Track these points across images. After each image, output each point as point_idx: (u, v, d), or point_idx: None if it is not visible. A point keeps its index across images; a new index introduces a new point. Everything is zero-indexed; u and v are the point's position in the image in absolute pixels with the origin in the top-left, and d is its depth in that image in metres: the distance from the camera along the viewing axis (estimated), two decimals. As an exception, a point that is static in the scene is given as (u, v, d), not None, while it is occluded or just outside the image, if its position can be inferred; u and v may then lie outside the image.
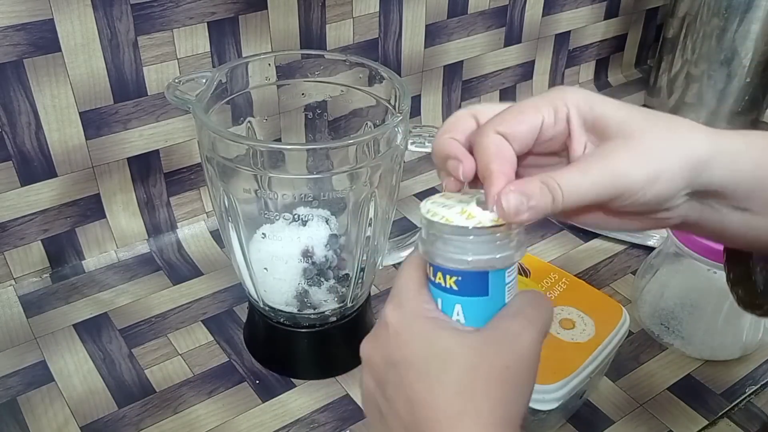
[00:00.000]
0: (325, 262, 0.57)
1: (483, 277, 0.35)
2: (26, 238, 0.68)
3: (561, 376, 0.51)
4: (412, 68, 0.87)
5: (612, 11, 1.03)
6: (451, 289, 0.36)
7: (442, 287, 0.36)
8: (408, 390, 0.34)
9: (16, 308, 0.67)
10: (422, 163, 0.89)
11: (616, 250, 0.77)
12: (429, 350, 0.35)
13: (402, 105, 0.54)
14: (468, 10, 0.88)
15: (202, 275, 0.72)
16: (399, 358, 0.35)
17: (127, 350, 0.64)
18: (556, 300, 0.57)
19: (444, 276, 0.36)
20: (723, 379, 0.62)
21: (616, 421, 0.59)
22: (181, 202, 0.76)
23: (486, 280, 0.35)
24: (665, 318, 0.65)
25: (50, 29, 0.62)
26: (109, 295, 0.69)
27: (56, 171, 0.67)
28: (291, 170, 0.51)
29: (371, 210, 0.55)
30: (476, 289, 0.35)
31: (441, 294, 0.36)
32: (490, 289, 0.36)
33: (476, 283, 0.35)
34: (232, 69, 0.57)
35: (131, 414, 0.58)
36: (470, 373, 0.34)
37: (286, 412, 0.59)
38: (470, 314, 0.36)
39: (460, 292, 0.36)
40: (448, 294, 0.36)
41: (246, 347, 0.64)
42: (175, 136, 0.73)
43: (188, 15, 0.68)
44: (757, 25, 0.88)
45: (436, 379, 0.34)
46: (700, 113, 0.96)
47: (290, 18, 0.74)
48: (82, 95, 0.66)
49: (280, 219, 0.55)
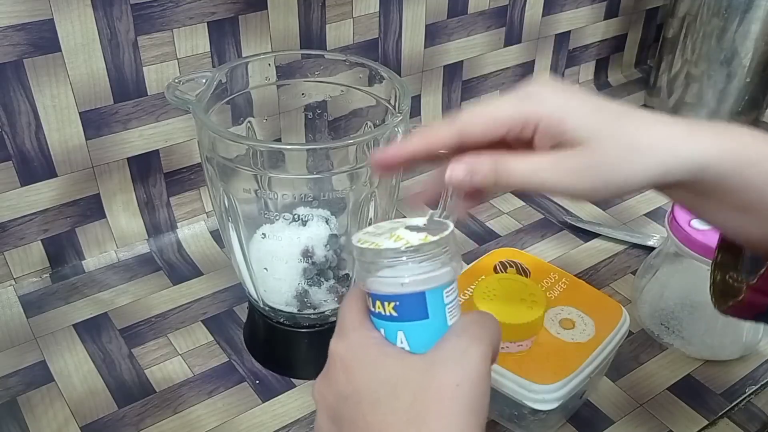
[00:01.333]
0: (325, 262, 0.57)
1: (420, 299, 0.35)
2: (26, 238, 0.68)
3: (561, 376, 0.51)
4: (412, 68, 0.87)
5: (612, 11, 1.03)
6: (391, 316, 0.36)
7: (383, 315, 0.36)
8: (362, 423, 0.34)
9: (16, 308, 0.67)
10: (422, 163, 0.89)
11: (616, 250, 0.77)
12: (377, 378, 0.35)
13: (402, 105, 0.54)
14: (468, 10, 0.88)
15: (202, 275, 0.72)
16: (350, 391, 0.35)
17: (127, 350, 0.64)
18: (556, 300, 0.57)
19: (383, 304, 0.36)
20: (723, 379, 0.62)
21: (616, 421, 0.59)
22: (181, 202, 0.76)
23: (424, 302, 0.35)
24: (665, 318, 0.65)
25: (50, 29, 0.62)
26: (109, 295, 0.69)
27: (56, 171, 0.67)
28: (291, 170, 0.51)
29: (371, 210, 0.55)
30: (415, 313, 0.35)
31: (383, 323, 0.36)
32: (429, 311, 0.35)
33: (414, 306, 0.35)
34: (232, 69, 0.58)
35: (131, 414, 0.58)
36: (420, 395, 0.33)
37: (286, 412, 0.59)
38: (414, 340, 0.36)
39: (400, 318, 0.35)
40: (389, 322, 0.36)
41: (246, 347, 0.64)
42: (175, 136, 0.73)
43: (188, 15, 0.68)
44: (757, 25, 0.88)
45: (388, 407, 0.34)
46: (700, 113, 0.96)
47: (290, 18, 0.74)
48: (82, 95, 0.66)
49: (280, 219, 0.55)
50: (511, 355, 0.53)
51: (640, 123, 0.36)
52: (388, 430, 0.33)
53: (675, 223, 0.61)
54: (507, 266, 0.61)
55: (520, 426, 0.56)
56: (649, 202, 0.84)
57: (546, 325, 0.55)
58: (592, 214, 0.82)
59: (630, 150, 0.35)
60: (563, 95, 0.37)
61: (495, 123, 0.37)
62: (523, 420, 0.54)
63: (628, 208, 0.83)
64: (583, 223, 0.80)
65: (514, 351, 0.53)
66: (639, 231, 0.79)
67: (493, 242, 0.78)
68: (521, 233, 0.79)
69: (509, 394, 0.52)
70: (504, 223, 0.81)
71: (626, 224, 0.81)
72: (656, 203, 0.84)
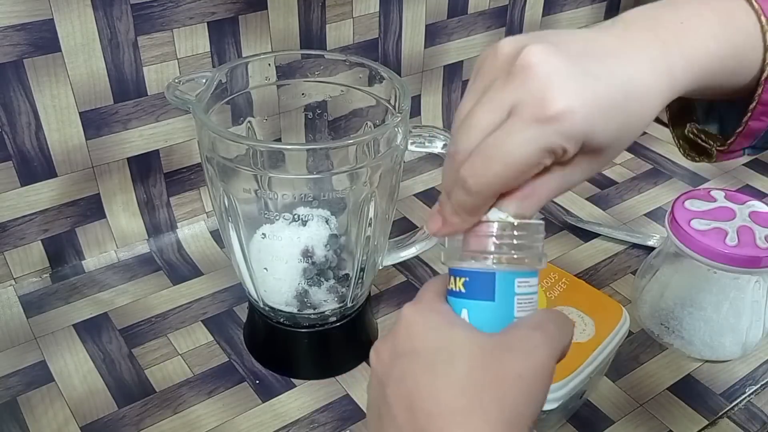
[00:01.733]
0: (325, 262, 0.57)
1: (489, 279, 0.35)
2: (26, 238, 0.68)
3: (561, 376, 0.51)
4: (412, 68, 0.87)
5: (612, 11, 1.03)
6: (460, 292, 0.35)
7: (453, 292, 0.36)
8: (411, 382, 0.33)
9: (16, 308, 0.67)
10: (422, 163, 0.89)
11: (616, 250, 0.77)
12: (438, 341, 0.34)
13: (402, 105, 0.54)
14: (468, 10, 0.88)
15: (202, 275, 0.72)
16: (408, 349, 0.34)
17: (127, 350, 0.64)
18: (556, 300, 0.57)
19: (455, 279, 0.36)
20: (723, 379, 0.62)
21: (616, 421, 0.59)
22: (181, 202, 0.76)
23: (492, 283, 0.35)
24: (665, 318, 0.65)
25: (50, 29, 0.62)
26: (109, 295, 0.69)
27: (56, 171, 0.67)
28: (291, 170, 0.51)
29: (371, 210, 0.55)
30: (482, 293, 0.35)
31: (452, 300, 0.36)
32: (496, 295, 0.35)
33: (482, 285, 0.35)
34: (232, 69, 0.58)
35: (131, 414, 0.58)
36: (478, 372, 0.32)
37: (286, 412, 0.59)
38: (476, 320, 0.35)
39: (467, 295, 0.35)
40: (458, 298, 0.36)
41: (246, 347, 0.64)
42: (175, 136, 0.73)
43: (188, 15, 0.68)
44: (757, 25, 0.88)
45: (442, 372, 0.32)
46: (700, 113, 0.96)
47: (290, 18, 0.74)
48: (82, 95, 0.66)
49: (280, 219, 0.55)
50: (511, 355, 0.53)
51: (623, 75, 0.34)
52: (437, 395, 0.32)
53: (675, 223, 0.61)
54: (507, 266, 0.61)
55: (520, 426, 0.55)
56: (649, 202, 0.84)
57: (546, 325, 0.55)
58: (592, 214, 0.82)
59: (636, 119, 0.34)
60: (574, 90, 0.32)
61: (516, 174, 0.33)
62: (523, 420, 0.54)
63: (628, 208, 0.83)
64: (583, 223, 0.80)
65: (514, 351, 0.53)
66: (639, 231, 0.79)
67: (493, 242, 0.78)
68: (521, 233, 0.79)
69: (509, 394, 0.52)
70: (504, 223, 0.81)
71: (626, 224, 0.81)
72: (656, 203, 0.84)
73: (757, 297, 0.61)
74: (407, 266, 0.73)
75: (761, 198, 0.82)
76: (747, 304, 0.61)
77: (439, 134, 0.56)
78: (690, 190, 0.66)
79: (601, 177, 0.88)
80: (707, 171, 0.90)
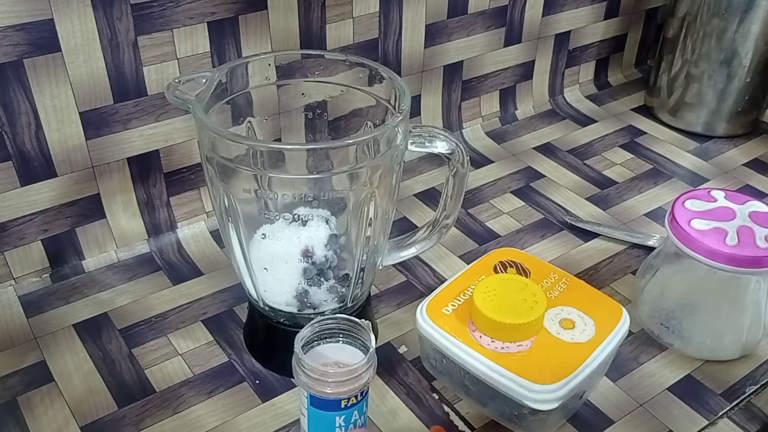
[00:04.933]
0: (325, 262, 0.57)
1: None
2: (26, 238, 0.68)
3: (561, 376, 0.51)
4: (412, 68, 0.87)
5: (612, 11, 1.03)
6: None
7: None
8: None
9: (16, 308, 0.67)
10: (422, 163, 0.89)
11: (616, 250, 0.77)
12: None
13: (402, 105, 0.54)
14: (468, 10, 0.88)
15: (202, 275, 0.72)
16: None
17: (127, 350, 0.64)
18: (556, 300, 0.57)
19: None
20: (723, 379, 0.62)
21: (616, 421, 0.59)
22: (181, 202, 0.76)
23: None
24: (665, 318, 0.65)
25: (50, 29, 0.62)
26: (109, 295, 0.69)
27: (56, 171, 0.67)
28: (291, 170, 0.51)
29: (371, 210, 0.55)
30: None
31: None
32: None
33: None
34: (232, 69, 0.58)
35: (131, 414, 0.58)
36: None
37: (286, 412, 0.59)
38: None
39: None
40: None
41: (246, 347, 0.64)
42: (175, 136, 0.73)
43: (188, 15, 0.68)
44: (757, 25, 0.88)
45: None
46: (700, 113, 0.96)
47: (290, 18, 0.74)
48: (82, 95, 0.66)
49: (280, 219, 0.55)
50: (511, 355, 0.53)
51: None
52: None
53: (675, 223, 0.61)
54: (507, 266, 0.61)
55: (520, 426, 0.56)
56: (649, 202, 0.84)
57: (546, 325, 0.55)
58: (592, 214, 0.82)
59: None
60: None
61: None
62: (523, 420, 0.54)
63: (628, 208, 0.83)
64: (583, 223, 0.80)
65: (514, 351, 0.53)
66: (639, 231, 0.79)
67: (493, 242, 0.78)
68: (521, 233, 0.79)
69: (509, 394, 0.52)
70: (504, 223, 0.81)
71: (626, 224, 0.81)
72: (656, 203, 0.84)
73: (757, 297, 0.61)
74: (407, 266, 0.73)
75: (761, 198, 0.82)
76: (747, 304, 0.61)
77: (439, 134, 0.56)
78: (690, 190, 0.66)
79: (601, 177, 0.88)
80: (707, 171, 0.90)
